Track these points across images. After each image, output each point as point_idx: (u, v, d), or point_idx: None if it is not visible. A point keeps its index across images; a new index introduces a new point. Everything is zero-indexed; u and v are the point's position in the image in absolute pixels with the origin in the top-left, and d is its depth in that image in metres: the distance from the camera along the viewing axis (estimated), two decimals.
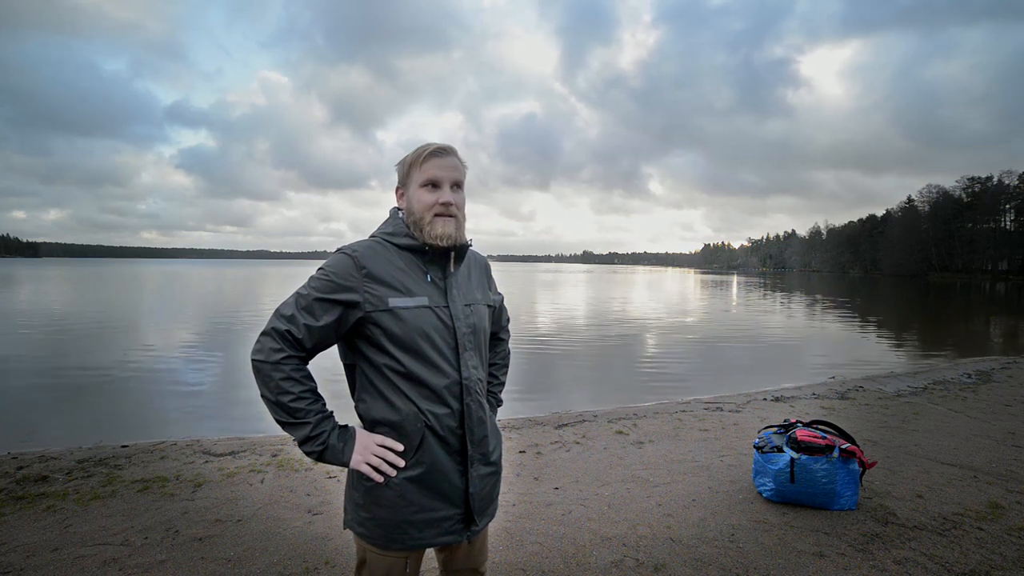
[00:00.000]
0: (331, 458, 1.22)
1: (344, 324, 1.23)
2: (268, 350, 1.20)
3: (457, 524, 1.30)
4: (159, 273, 58.73)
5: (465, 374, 1.28)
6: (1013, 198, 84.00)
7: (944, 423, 4.89)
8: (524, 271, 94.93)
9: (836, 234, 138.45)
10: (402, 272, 1.26)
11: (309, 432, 1.20)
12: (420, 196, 1.28)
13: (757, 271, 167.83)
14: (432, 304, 1.26)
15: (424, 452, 1.24)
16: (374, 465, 1.22)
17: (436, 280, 1.30)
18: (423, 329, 1.23)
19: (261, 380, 1.20)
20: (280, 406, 1.19)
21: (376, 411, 1.26)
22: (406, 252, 1.29)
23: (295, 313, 1.21)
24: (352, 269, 1.23)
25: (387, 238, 1.31)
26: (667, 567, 2.44)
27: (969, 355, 10.45)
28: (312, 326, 1.21)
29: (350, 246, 1.27)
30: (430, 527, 1.26)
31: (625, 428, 4.79)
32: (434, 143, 1.30)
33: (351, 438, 1.24)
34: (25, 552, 2.52)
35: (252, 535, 2.72)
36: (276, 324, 1.22)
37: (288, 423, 1.20)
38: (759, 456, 3.23)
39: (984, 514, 2.95)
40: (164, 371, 8.31)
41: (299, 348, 1.22)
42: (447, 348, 1.26)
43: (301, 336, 1.20)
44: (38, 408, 6.20)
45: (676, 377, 8.37)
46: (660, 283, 50.11)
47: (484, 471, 1.33)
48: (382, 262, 1.26)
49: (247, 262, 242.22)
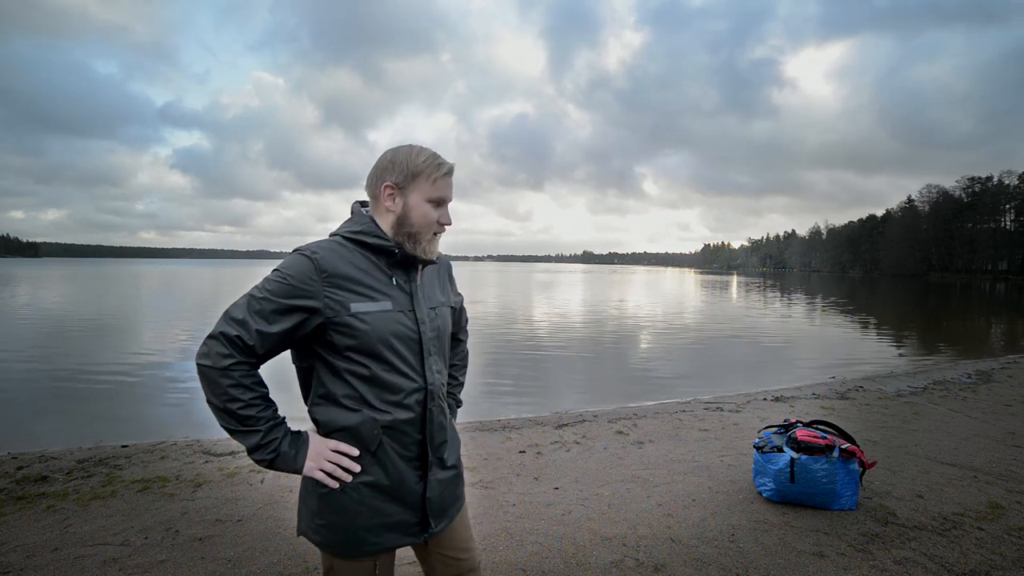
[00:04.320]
0: (282, 466, 1.17)
1: (301, 330, 1.16)
2: (216, 355, 1.12)
3: (413, 527, 1.27)
4: (160, 273, 58.71)
5: (430, 379, 1.25)
6: (1013, 198, 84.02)
7: (944, 423, 4.89)
8: (523, 271, 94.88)
9: (836, 234, 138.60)
10: (365, 274, 1.20)
11: (259, 440, 1.14)
12: (426, 211, 1.25)
13: (757, 271, 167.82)
14: (396, 308, 1.22)
15: (381, 457, 1.21)
16: (328, 471, 1.18)
17: (401, 284, 1.25)
18: (386, 334, 1.18)
19: (207, 386, 1.13)
20: (228, 413, 1.13)
21: (333, 416, 1.21)
22: (372, 253, 1.23)
23: (247, 317, 1.13)
24: (312, 273, 1.14)
25: (353, 236, 1.23)
26: (667, 567, 2.44)
27: (969, 355, 10.45)
28: (265, 332, 1.13)
29: (309, 247, 1.19)
30: (387, 531, 1.23)
31: (625, 428, 4.79)
32: (444, 160, 1.26)
33: (304, 444, 1.19)
34: (25, 552, 2.52)
35: (252, 535, 2.72)
36: (225, 328, 1.13)
37: (237, 431, 1.14)
38: (759, 456, 3.23)
39: (984, 514, 2.95)
40: (164, 371, 8.31)
41: (249, 354, 1.13)
42: (411, 354, 1.22)
43: (252, 343, 1.12)
44: (38, 408, 6.20)
45: (676, 377, 8.37)
46: (660, 283, 50.11)
47: (442, 475, 1.30)
48: (344, 264, 1.18)
49: (247, 262, 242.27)
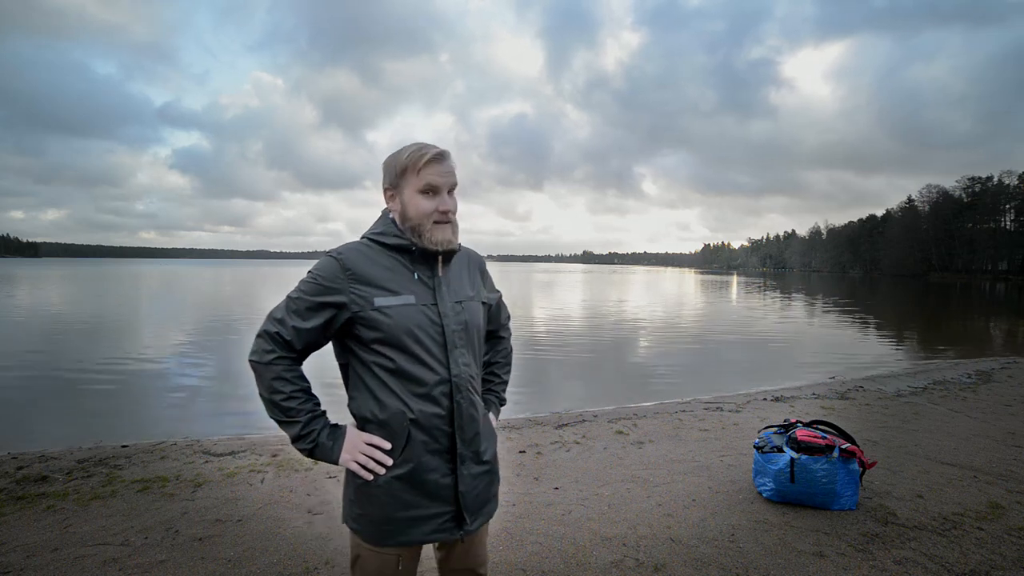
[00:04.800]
0: (321, 456, 1.27)
1: (333, 325, 1.27)
2: (261, 351, 1.26)
3: (448, 522, 1.30)
4: (160, 273, 58.72)
5: (455, 371, 1.28)
6: (1013, 198, 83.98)
7: (944, 423, 4.89)
8: (523, 271, 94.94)
9: (836, 234, 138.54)
10: (388, 272, 1.28)
11: (299, 431, 1.25)
12: (418, 203, 1.27)
13: (757, 271, 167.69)
14: (419, 302, 1.28)
15: (410, 450, 1.26)
16: (362, 463, 1.26)
17: (424, 279, 1.31)
18: (409, 326, 1.25)
19: (257, 379, 1.27)
20: (272, 404, 1.26)
21: (365, 409, 1.29)
22: (394, 252, 1.31)
23: (285, 316, 1.27)
24: (338, 271, 1.26)
25: (376, 238, 1.32)
26: (667, 567, 2.44)
27: (969, 355, 10.44)
28: (300, 328, 1.25)
29: (336, 249, 1.31)
30: (419, 524, 1.27)
31: (625, 428, 4.79)
32: (429, 147, 1.27)
33: (341, 436, 1.28)
34: (25, 552, 2.52)
35: (252, 535, 2.72)
36: (267, 327, 1.28)
37: (281, 421, 1.26)
38: (759, 456, 3.23)
39: (984, 514, 2.95)
40: (164, 371, 8.31)
41: (289, 349, 1.26)
42: (435, 345, 1.27)
43: (290, 338, 1.25)
44: (38, 408, 6.20)
45: (676, 377, 8.37)
46: (660, 283, 50.10)
47: (476, 470, 1.34)
48: (368, 263, 1.28)
49: (248, 262, 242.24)
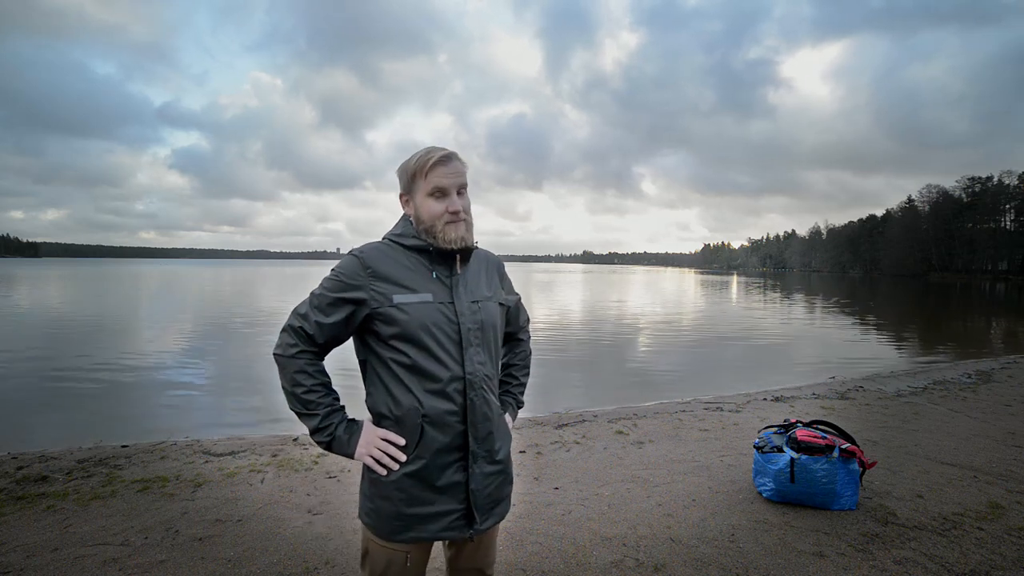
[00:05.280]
0: (338, 449, 1.30)
1: (353, 321, 1.31)
2: (284, 345, 1.31)
3: (458, 520, 1.31)
4: (160, 273, 58.71)
5: (469, 368, 1.30)
6: (1013, 198, 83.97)
7: (944, 423, 4.89)
8: (523, 271, 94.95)
9: (836, 234, 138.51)
10: (408, 271, 1.32)
11: (318, 424, 1.30)
12: (429, 205, 1.31)
13: (757, 271, 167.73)
14: (436, 300, 1.31)
15: (423, 446, 1.27)
16: (376, 458, 1.28)
17: (442, 278, 1.34)
18: (425, 323, 1.27)
19: (280, 372, 1.32)
20: (293, 396, 1.30)
21: (381, 404, 1.32)
22: (413, 252, 1.34)
23: (308, 311, 1.31)
24: (359, 268, 1.30)
25: (395, 239, 1.37)
26: (667, 567, 2.44)
27: (969, 355, 10.45)
28: (323, 323, 1.30)
29: (359, 248, 1.36)
30: (429, 521, 1.29)
31: (625, 428, 4.79)
32: (436, 150, 1.30)
33: (357, 431, 1.32)
34: (25, 552, 2.52)
35: (252, 535, 2.72)
36: (291, 321, 1.33)
37: (301, 413, 1.31)
38: (759, 456, 3.23)
39: (984, 514, 2.95)
40: (164, 371, 8.31)
41: (312, 343, 1.31)
42: (450, 342, 1.29)
43: (313, 332, 1.30)
44: (38, 408, 6.20)
45: (676, 377, 8.37)
46: (660, 283, 50.11)
47: (488, 469, 1.35)
48: (388, 261, 1.32)
49: (247, 262, 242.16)
